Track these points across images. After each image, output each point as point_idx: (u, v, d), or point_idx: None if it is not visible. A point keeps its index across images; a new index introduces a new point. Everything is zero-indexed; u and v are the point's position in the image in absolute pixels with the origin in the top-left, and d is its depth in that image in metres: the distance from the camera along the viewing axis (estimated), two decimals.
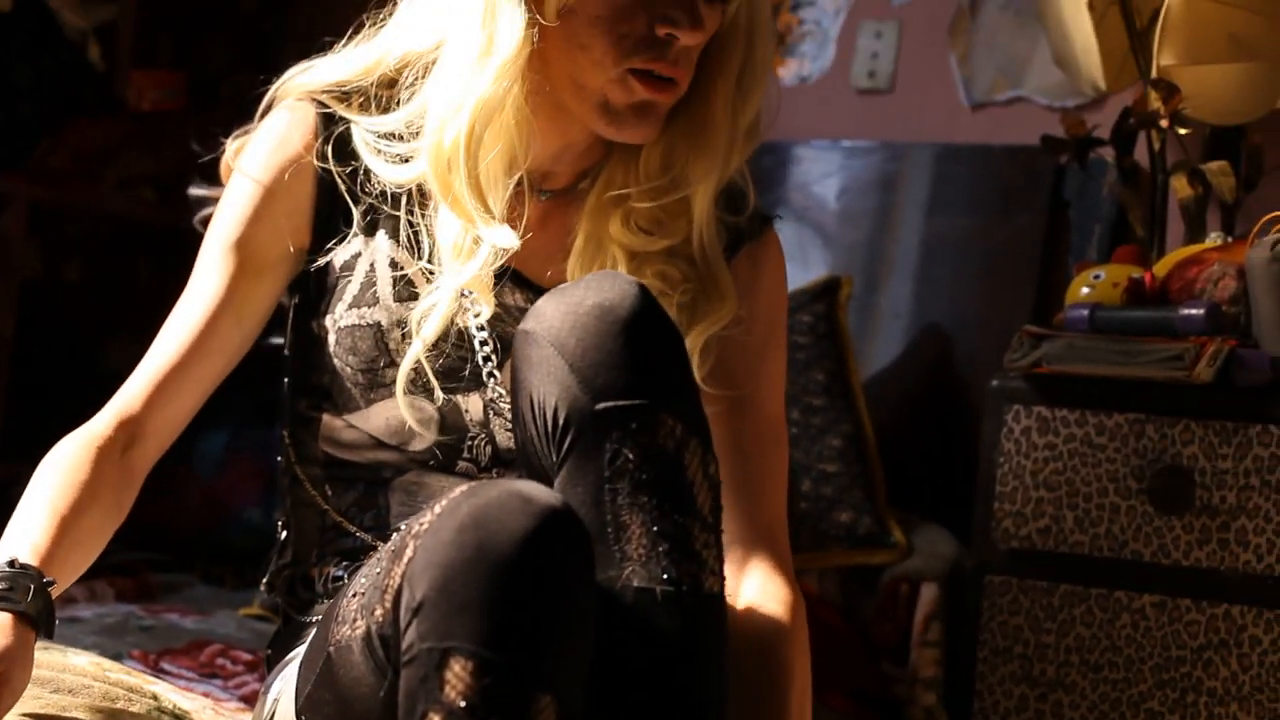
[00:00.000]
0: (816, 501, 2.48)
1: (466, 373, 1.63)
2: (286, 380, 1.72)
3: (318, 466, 1.68)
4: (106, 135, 3.32)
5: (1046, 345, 2.33)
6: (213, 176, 1.80)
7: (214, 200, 1.74)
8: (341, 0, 1.82)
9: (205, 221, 1.73)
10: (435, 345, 1.60)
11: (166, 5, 3.69)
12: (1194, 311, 2.24)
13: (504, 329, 1.64)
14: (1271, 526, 2.19)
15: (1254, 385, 2.21)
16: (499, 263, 1.59)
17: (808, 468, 2.50)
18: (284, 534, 1.72)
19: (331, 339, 1.66)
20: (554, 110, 1.64)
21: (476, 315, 1.62)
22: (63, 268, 3.59)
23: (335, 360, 1.66)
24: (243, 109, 1.80)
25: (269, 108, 1.71)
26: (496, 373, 1.63)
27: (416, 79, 1.63)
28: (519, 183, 1.62)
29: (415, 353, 1.59)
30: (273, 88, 1.70)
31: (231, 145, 1.72)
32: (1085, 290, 2.39)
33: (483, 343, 1.64)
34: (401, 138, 1.64)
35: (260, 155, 1.68)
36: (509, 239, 1.57)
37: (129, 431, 1.59)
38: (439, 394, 1.61)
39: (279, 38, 3.61)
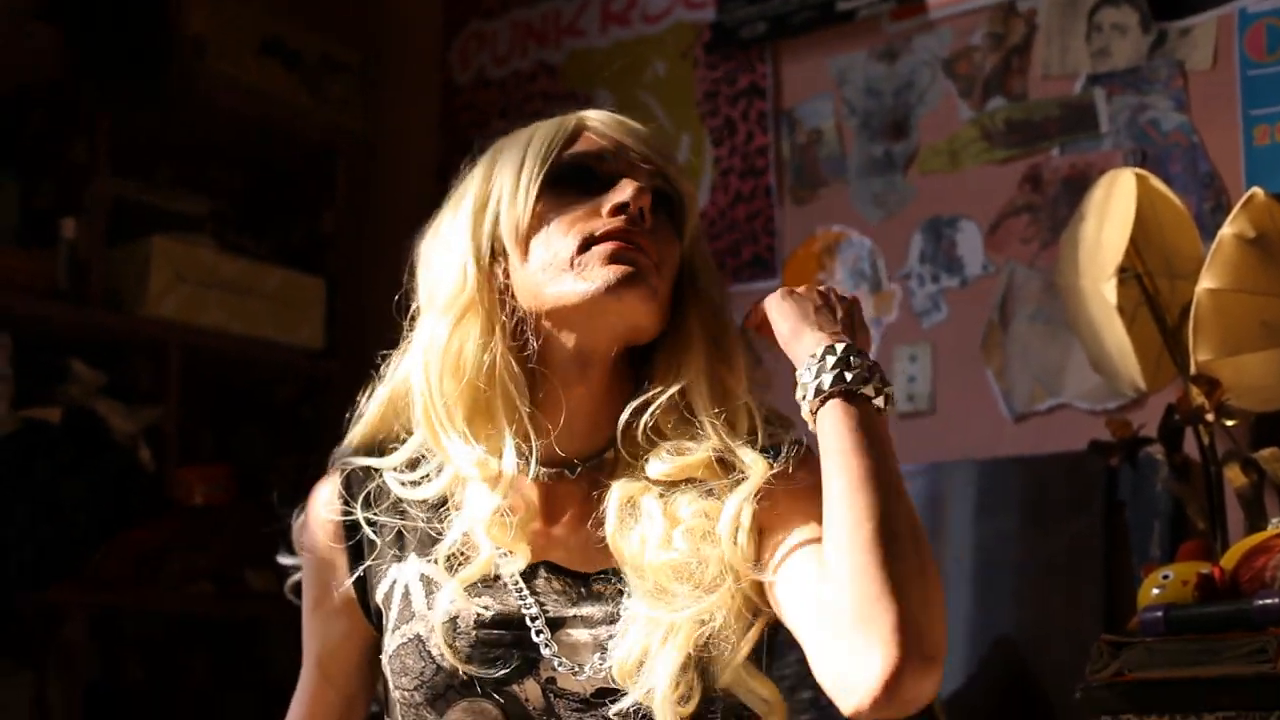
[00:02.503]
0: None
1: (517, 660, 1.62)
2: None
3: None
4: (159, 535, 3.35)
5: (1126, 653, 2.29)
6: (270, 561, 1.87)
7: (297, 568, 1.83)
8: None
9: (296, 589, 1.84)
10: (482, 638, 1.62)
11: (206, 401, 3.74)
12: (1270, 601, 2.20)
13: (551, 614, 1.65)
14: None
15: None
16: (507, 501, 1.67)
17: None
18: None
19: (388, 671, 1.69)
20: (549, 376, 1.72)
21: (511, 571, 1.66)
22: (124, 668, 3.58)
23: (396, 691, 1.68)
24: (289, 494, 1.88)
25: None
26: (552, 643, 1.63)
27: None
28: (537, 476, 1.69)
29: (451, 592, 1.65)
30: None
31: (297, 521, 1.82)
32: (1156, 591, 2.36)
33: (533, 618, 1.64)
34: (422, 458, 1.76)
35: (304, 533, 1.81)
36: (511, 464, 1.66)
37: None
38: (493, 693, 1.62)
39: (316, 422, 3.65)
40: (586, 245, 1.69)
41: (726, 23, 3.53)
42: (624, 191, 1.70)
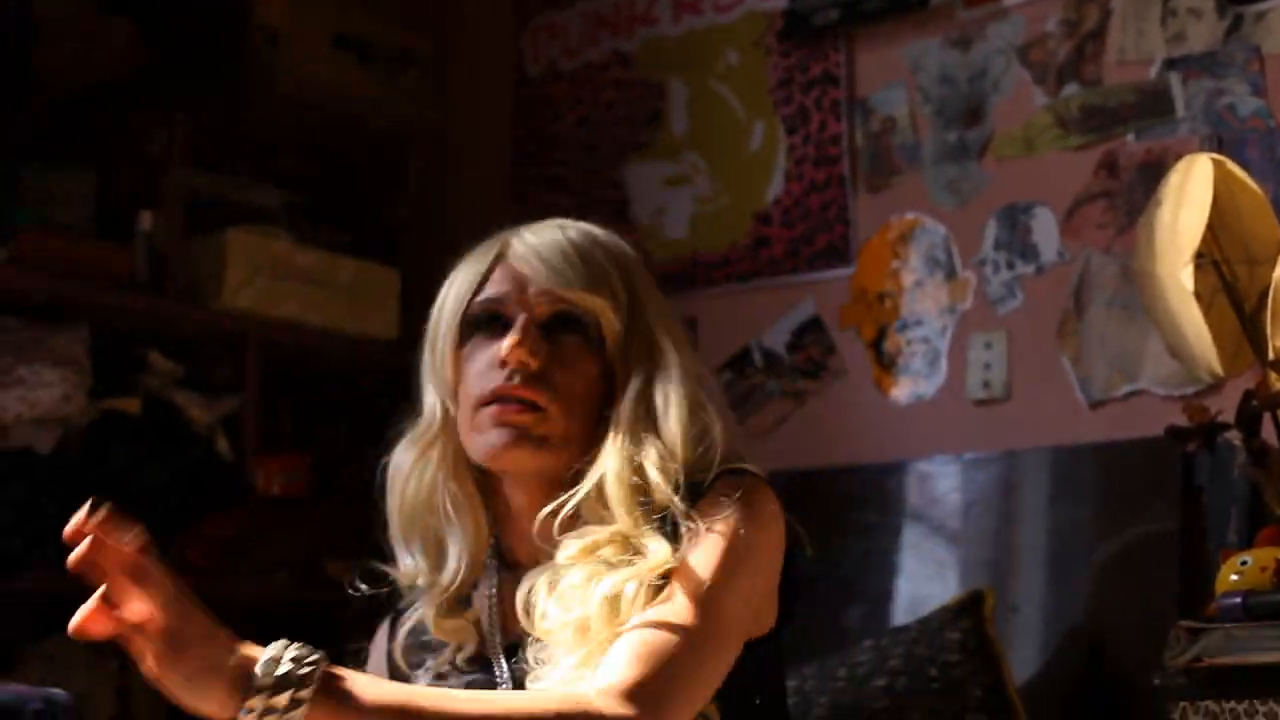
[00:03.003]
0: None
1: None
2: None
3: None
4: (237, 525, 3.37)
5: (1204, 639, 2.28)
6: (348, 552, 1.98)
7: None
8: None
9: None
10: None
11: (284, 392, 3.76)
12: None
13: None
14: None
15: None
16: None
17: None
18: None
19: None
20: (499, 492, 1.98)
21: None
22: None
23: None
24: (368, 484, 2.00)
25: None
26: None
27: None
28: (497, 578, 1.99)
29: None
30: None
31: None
32: (1234, 578, 2.34)
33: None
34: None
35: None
36: (449, 576, 1.99)
37: None
38: None
39: (393, 413, 3.66)
40: (479, 406, 1.92)
41: (799, 10, 3.53)
42: (505, 345, 1.90)
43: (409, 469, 2.01)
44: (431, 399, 2.03)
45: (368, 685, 1.59)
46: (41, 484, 3.05)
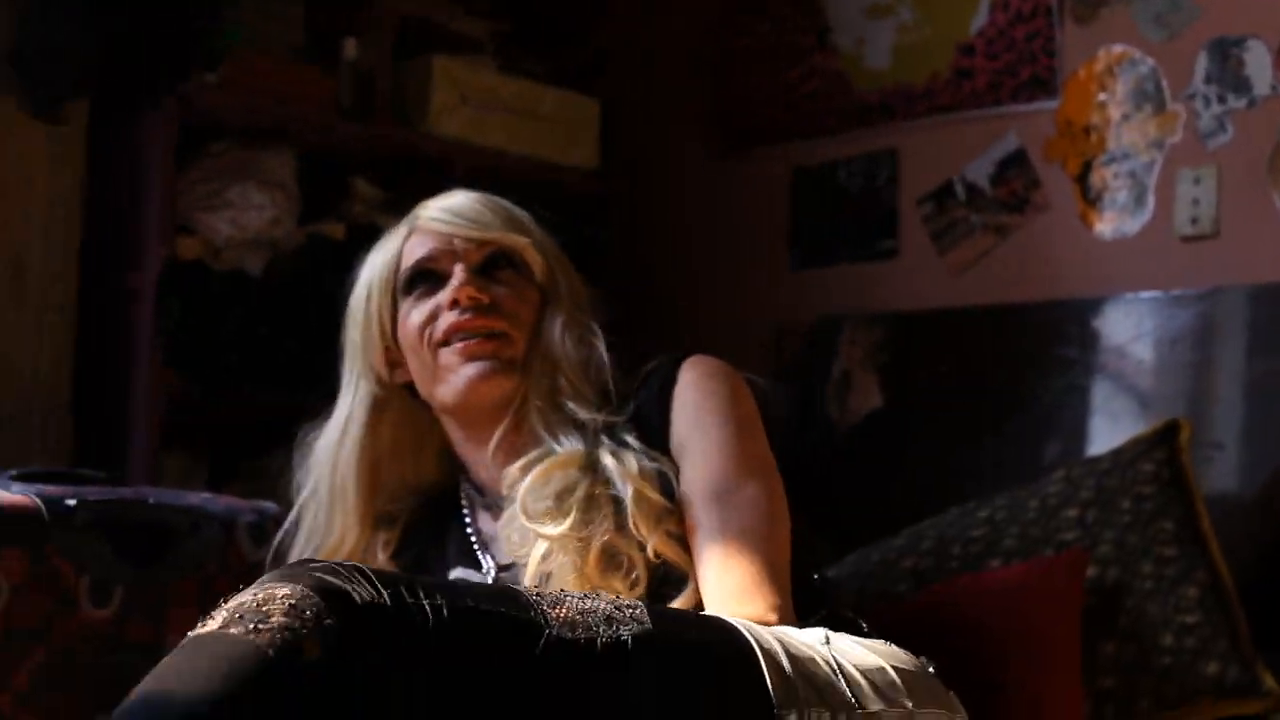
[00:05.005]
0: (1179, 655, 2.41)
1: None
2: None
3: None
4: None
5: None
6: None
7: None
8: None
9: None
10: None
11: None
12: None
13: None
14: None
15: None
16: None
17: (1166, 621, 2.43)
18: None
19: None
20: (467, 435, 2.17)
21: None
22: None
23: None
24: None
25: None
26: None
27: None
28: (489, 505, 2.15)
29: None
30: None
31: None
32: None
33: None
34: None
35: None
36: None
37: None
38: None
39: (595, 242, 3.70)
40: (439, 349, 2.09)
41: None
42: (451, 288, 2.08)
43: (355, 441, 2.21)
44: (361, 378, 2.22)
45: None
46: (254, 305, 3.12)
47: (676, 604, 1.89)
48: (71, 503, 2.21)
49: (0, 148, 2.85)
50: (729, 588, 1.87)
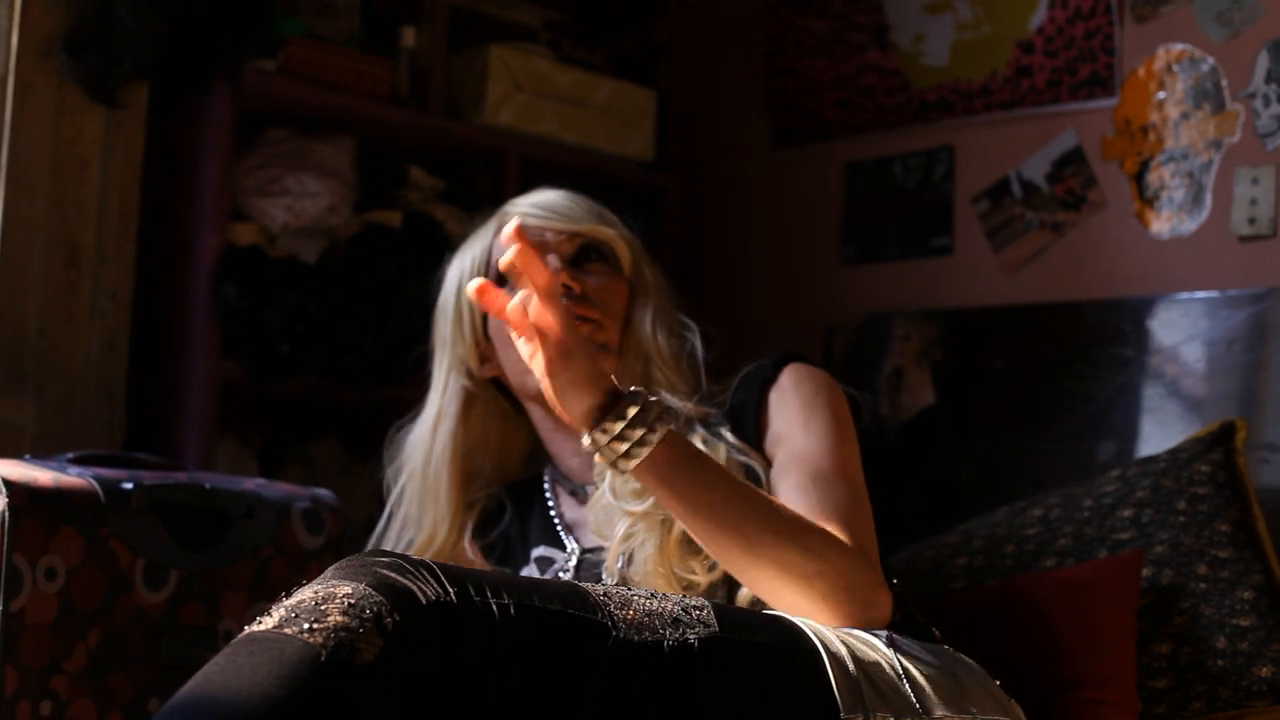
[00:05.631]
0: (1233, 658, 2.39)
1: None
2: None
3: None
4: None
5: None
6: None
7: None
8: None
9: None
10: None
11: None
12: None
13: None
14: None
15: None
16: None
17: (1220, 624, 2.42)
18: None
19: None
20: (547, 427, 2.25)
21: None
22: None
23: None
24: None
25: None
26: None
27: None
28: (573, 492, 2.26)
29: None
30: None
31: None
32: None
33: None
34: None
35: None
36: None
37: None
38: None
39: (649, 233, 3.68)
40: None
41: None
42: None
43: (447, 434, 2.29)
44: (452, 372, 2.29)
45: (699, 452, 1.80)
46: (308, 293, 3.13)
47: None
48: (128, 486, 2.22)
49: (58, 131, 2.86)
50: None
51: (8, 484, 2.07)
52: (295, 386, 3.12)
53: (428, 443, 2.29)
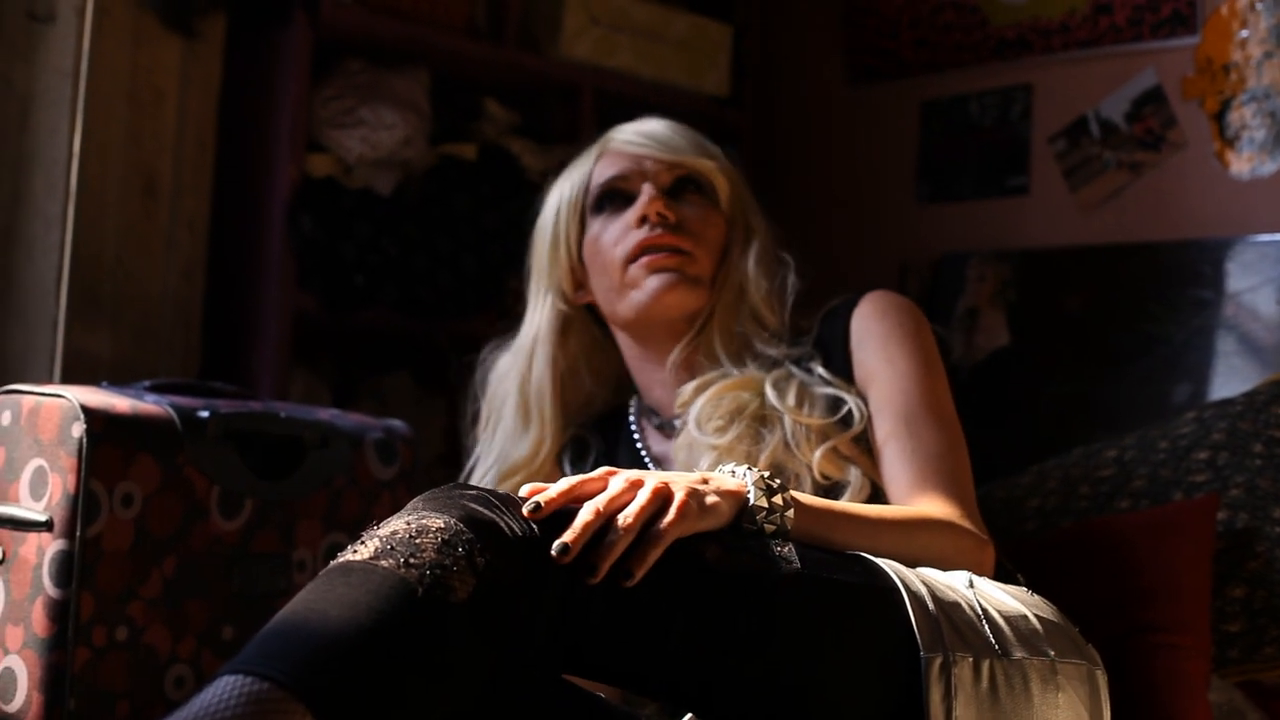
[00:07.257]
0: None
1: None
2: None
3: None
4: None
5: None
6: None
7: None
8: None
9: None
10: None
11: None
12: None
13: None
14: None
15: None
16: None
17: None
18: None
19: None
20: (635, 355, 2.28)
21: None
22: None
23: None
24: None
25: None
26: None
27: None
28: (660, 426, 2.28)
29: None
30: None
31: None
32: None
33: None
34: None
35: None
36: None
37: None
38: None
39: None
40: (627, 264, 2.17)
41: None
42: (641, 205, 2.16)
43: (546, 354, 2.30)
44: (549, 295, 2.30)
45: (821, 504, 1.78)
46: (383, 224, 3.13)
47: None
48: (204, 414, 2.23)
49: (135, 61, 2.87)
50: (926, 498, 1.95)
51: (86, 410, 2.08)
52: (368, 318, 3.13)
53: (525, 362, 2.31)
